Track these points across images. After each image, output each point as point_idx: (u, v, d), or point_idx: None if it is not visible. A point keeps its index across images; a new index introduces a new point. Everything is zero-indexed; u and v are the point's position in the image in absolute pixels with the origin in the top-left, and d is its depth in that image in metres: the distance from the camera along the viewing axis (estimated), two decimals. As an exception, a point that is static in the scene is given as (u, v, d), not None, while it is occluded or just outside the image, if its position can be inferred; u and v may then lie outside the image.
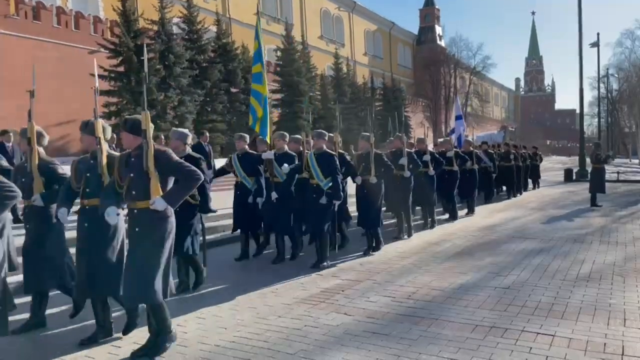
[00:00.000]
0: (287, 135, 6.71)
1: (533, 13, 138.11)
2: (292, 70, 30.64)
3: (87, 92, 22.56)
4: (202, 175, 3.46)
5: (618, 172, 22.46)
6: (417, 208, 9.55)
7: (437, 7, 70.86)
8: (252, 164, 6.43)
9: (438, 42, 66.17)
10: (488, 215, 10.80)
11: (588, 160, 15.04)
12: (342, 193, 6.14)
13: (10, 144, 8.58)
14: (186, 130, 5.22)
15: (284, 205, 6.26)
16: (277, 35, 35.54)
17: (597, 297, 4.64)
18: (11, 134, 8.72)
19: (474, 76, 60.53)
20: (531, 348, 3.47)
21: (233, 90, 26.09)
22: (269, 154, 6.31)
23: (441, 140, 13.04)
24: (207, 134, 10.52)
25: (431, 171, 8.78)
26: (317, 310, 4.45)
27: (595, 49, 31.40)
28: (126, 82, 20.92)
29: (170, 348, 3.56)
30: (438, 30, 68.33)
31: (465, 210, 10.93)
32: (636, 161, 43.43)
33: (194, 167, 3.47)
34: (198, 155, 4.91)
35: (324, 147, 6.24)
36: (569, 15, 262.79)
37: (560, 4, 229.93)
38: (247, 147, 6.56)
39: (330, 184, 6.01)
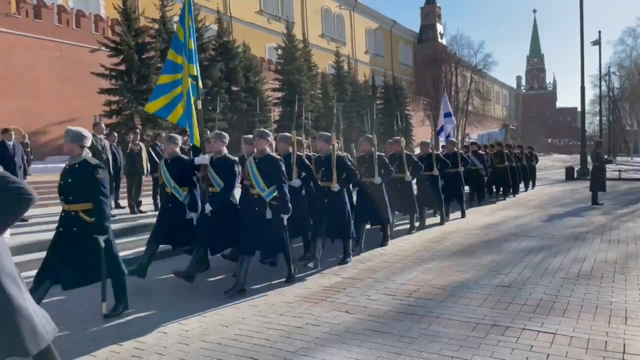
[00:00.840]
0: (226, 135, 5.63)
1: (534, 11, 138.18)
2: (293, 68, 30.61)
3: (88, 91, 22.62)
4: (33, 195, 2.35)
5: (619, 170, 22.44)
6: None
7: (438, 5, 70.92)
8: (184, 172, 5.47)
9: (439, 40, 66.09)
10: (489, 214, 10.79)
11: (589, 158, 14.96)
12: (290, 205, 5.14)
13: (12, 142, 8.59)
14: (84, 131, 4.19)
15: (220, 220, 5.26)
16: (278, 33, 35.54)
17: (599, 295, 4.64)
18: (12, 132, 8.72)
19: (475, 74, 60.37)
20: (532, 346, 3.46)
21: (234, 88, 26.08)
22: (202, 159, 5.34)
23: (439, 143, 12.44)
24: (209, 132, 10.50)
25: (408, 177, 7.83)
26: (318, 308, 4.45)
27: (597, 47, 31.43)
28: (127, 81, 20.92)
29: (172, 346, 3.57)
30: (439, 28, 68.27)
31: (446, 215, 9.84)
32: (638, 159, 43.38)
33: (21, 184, 2.36)
34: (95, 162, 4.07)
35: (267, 149, 5.27)
36: (570, 14, 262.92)
37: (561, 2, 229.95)
38: (178, 150, 5.64)
39: (274, 194, 5.08)
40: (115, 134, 10.26)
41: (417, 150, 10.15)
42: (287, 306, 4.52)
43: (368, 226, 7.35)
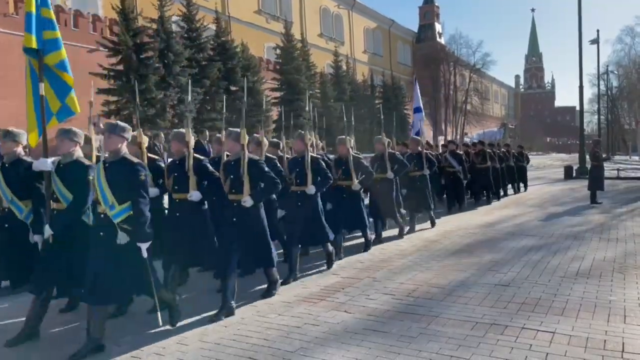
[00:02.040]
0: (78, 132, 4.08)
1: (533, 10, 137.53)
2: (291, 68, 30.65)
3: (86, 91, 22.57)
4: None
5: (618, 169, 22.44)
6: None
7: (436, 4, 71.04)
8: (24, 180, 4.17)
9: (438, 39, 66.20)
10: (487, 213, 10.79)
11: (588, 157, 14.93)
12: (149, 230, 3.58)
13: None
14: None
15: (64, 245, 3.82)
16: (276, 33, 35.54)
17: (597, 294, 4.64)
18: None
19: (474, 74, 60.53)
20: (531, 345, 3.47)
21: (232, 88, 26.07)
22: (42, 163, 3.91)
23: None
24: (207, 133, 10.52)
25: (355, 185, 6.35)
26: (317, 308, 4.45)
27: (595, 46, 31.49)
28: (125, 81, 20.92)
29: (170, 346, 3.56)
30: (438, 27, 68.37)
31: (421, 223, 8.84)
32: (636, 158, 43.43)
33: None
34: None
35: (122, 149, 3.71)
36: (568, 13, 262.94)
37: (559, 1, 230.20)
38: (21, 150, 4.30)
39: (128, 214, 3.56)
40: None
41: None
42: (286, 306, 4.52)
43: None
